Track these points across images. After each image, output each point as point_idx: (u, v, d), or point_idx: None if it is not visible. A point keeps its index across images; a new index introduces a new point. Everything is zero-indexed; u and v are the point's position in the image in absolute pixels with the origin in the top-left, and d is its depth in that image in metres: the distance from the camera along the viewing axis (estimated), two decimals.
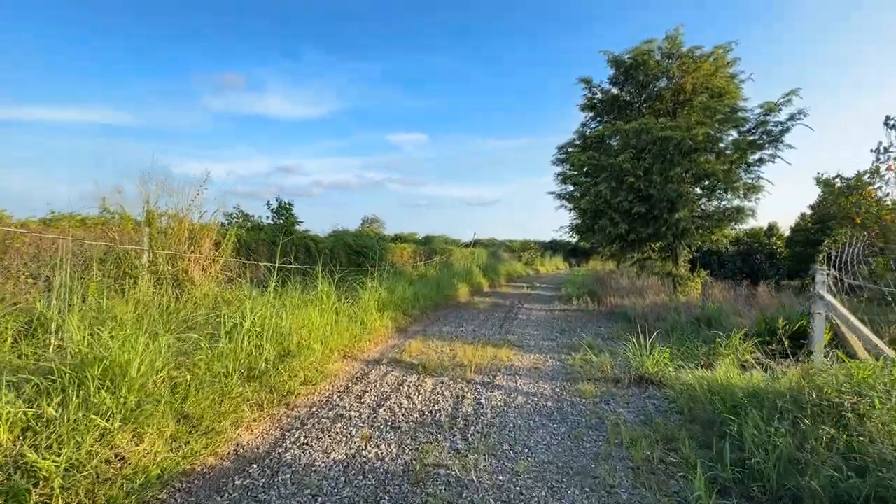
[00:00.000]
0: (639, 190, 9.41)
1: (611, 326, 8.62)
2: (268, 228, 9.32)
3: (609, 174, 9.23)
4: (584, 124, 11.28)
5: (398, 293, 8.49)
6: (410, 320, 8.22)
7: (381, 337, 6.62)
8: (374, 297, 7.07)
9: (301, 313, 5.04)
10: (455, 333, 7.46)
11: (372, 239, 13.49)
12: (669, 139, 8.50)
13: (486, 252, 26.97)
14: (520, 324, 8.79)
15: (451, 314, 9.70)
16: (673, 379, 4.52)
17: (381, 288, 7.74)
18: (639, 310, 9.03)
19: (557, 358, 5.98)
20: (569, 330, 8.23)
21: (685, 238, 10.04)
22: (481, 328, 8.09)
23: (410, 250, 17.54)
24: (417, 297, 9.41)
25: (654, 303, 9.97)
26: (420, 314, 8.98)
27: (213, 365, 3.33)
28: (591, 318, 9.88)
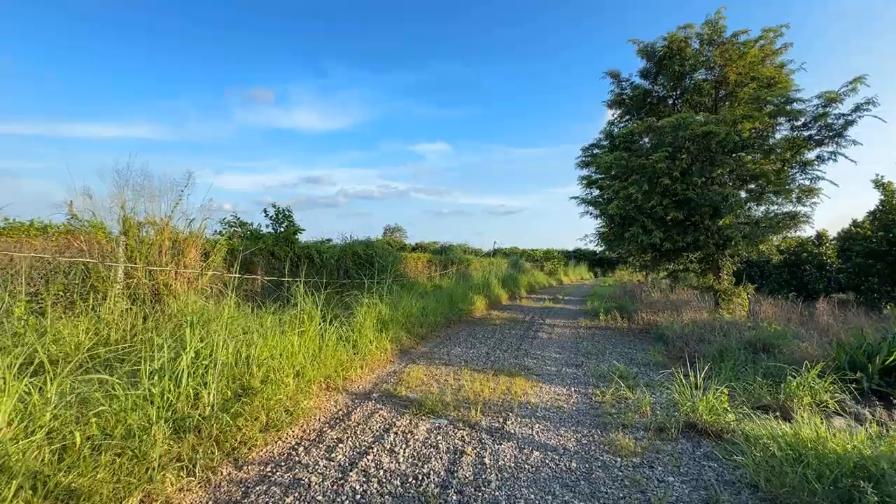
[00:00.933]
0: (675, 193, 8.34)
1: (645, 349, 7.54)
2: (266, 238, 8.70)
3: (641, 176, 8.20)
4: (612, 123, 10.29)
5: (403, 309, 7.65)
6: (416, 340, 7.36)
7: (378, 361, 5.78)
8: (372, 315, 6.25)
9: (276, 338, 4.25)
10: (465, 357, 6.56)
11: (383, 248, 12.76)
12: (711, 135, 7.43)
13: (507, 262, 25.95)
14: (539, 344, 7.80)
15: (463, 332, 8.79)
16: (737, 431, 3.49)
17: (383, 303, 6.92)
18: (676, 329, 7.91)
19: (583, 392, 4.99)
20: (596, 353, 7.20)
21: (729, 248, 8.87)
22: (495, 350, 7.16)
23: (425, 260, 16.76)
24: (426, 313, 8.56)
25: (693, 321, 8.80)
26: (428, 332, 8.11)
27: (129, 415, 2.55)
28: (620, 337, 8.79)
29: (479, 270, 19.75)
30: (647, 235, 8.48)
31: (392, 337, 6.39)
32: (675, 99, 9.53)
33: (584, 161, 11.32)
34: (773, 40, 8.44)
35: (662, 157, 7.72)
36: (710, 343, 7.21)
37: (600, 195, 9.76)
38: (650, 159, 7.88)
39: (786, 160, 8.33)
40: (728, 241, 8.64)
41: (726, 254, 9.22)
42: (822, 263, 15.63)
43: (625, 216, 8.96)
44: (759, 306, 10.05)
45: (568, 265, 40.59)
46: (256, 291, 8.35)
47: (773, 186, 8.25)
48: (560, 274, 34.25)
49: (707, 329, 7.98)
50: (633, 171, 8.44)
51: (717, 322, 8.17)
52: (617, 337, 8.83)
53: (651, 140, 8.32)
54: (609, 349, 7.56)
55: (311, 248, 9.73)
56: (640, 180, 8.15)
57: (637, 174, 8.26)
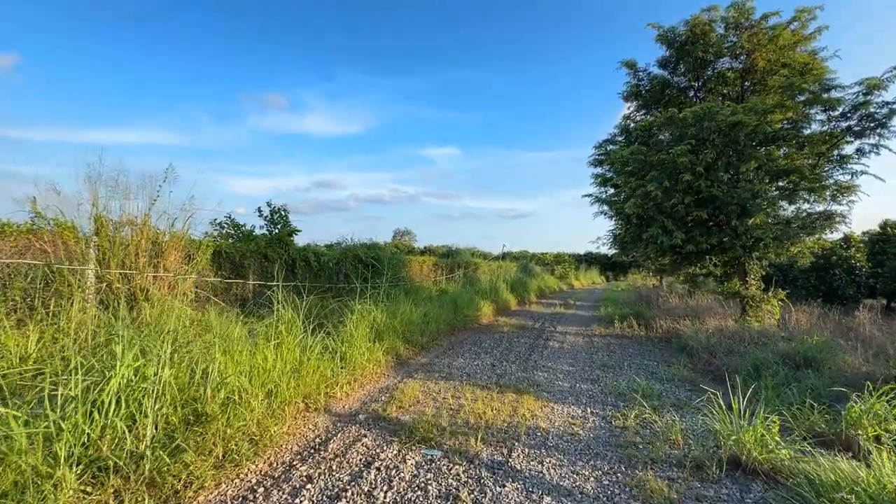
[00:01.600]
0: (698, 191, 7.65)
1: (667, 361, 6.85)
2: (259, 239, 8.21)
3: (660, 172, 7.54)
4: (627, 117, 9.62)
5: (402, 316, 7.07)
6: (416, 350, 6.77)
7: (370, 375, 5.21)
8: (364, 324, 5.68)
9: (245, 352, 3.70)
10: (468, 370, 5.95)
11: (385, 251, 12.22)
12: (740, 126, 6.74)
13: (516, 266, 25.26)
14: (551, 354, 7.16)
15: (468, 340, 8.19)
16: (795, 472, 2.84)
17: (378, 310, 6.34)
18: (702, 339, 7.21)
19: (601, 414, 4.35)
20: (613, 365, 6.54)
21: (757, 251, 8.14)
22: (502, 361, 6.54)
23: (431, 264, 16.19)
24: (428, 321, 7.97)
25: (718, 329, 8.08)
26: (430, 341, 7.52)
27: (22, 458, 2.00)
28: (638, 347, 8.10)
29: (487, 274, 19.12)
30: (668, 236, 7.80)
31: (387, 348, 5.81)
32: (697, 90, 8.84)
33: (598, 159, 10.67)
34: (806, 23, 7.72)
35: (684, 151, 7.04)
36: (741, 355, 6.51)
37: (615, 194, 9.09)
38: (671, 153, 7.21)
39: (821, 154, 7.59)
40: (757, 243, 7.92)
41: (754, 256, 8.49)
42: (852, 267, 14.72)
43: (642, 216, 8.28)
44: (788, 314, 9.28)
45: (579, 269, 39.73)
46: (247, 297, 7.85)
47: (807, 183, 7.51)
48: (571, 278, 33.42)
49: (735, 339, 7.27)
50: (652, 166, 7.77)
51: (746, 331, 7.45)
52: (634, 347, 8.15)
53: (671, 133, 7.65)
54: (627, 361, 6.89)
55: (308, 251, 9.23)
56: (659, 176, 7.48)
57: (656, 170, 7.60)
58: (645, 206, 7.72)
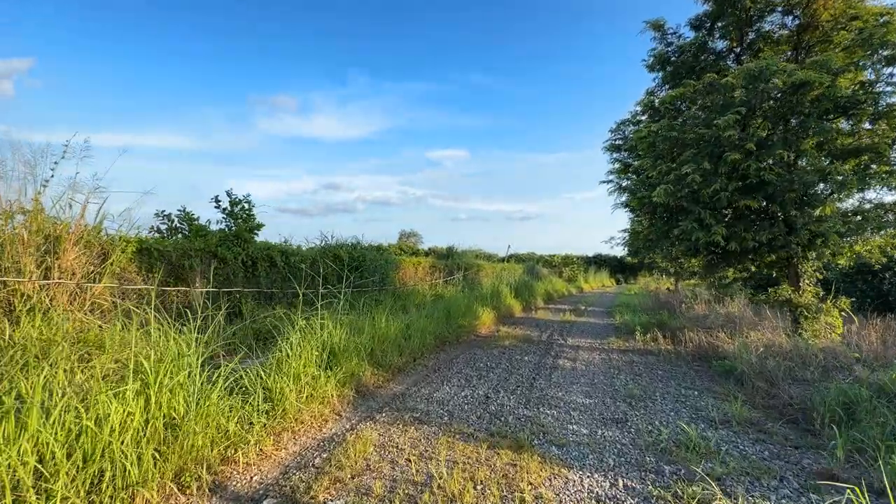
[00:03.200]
0: (744, 175, 6.15)
1: (711, 390, 5.35)
2: (210, 235, 6.85)
3: (698, 151, 6.06)
4: (651, 93, 8.11)
5: (376, 330, 5.65)
6: (388, 375, 5.33)
7: (312, 419, 3.79)
8: (311, 345, 4.24)
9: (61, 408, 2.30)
10: (452, 405, 4.51)
11: (371, 251, 10.82)
12: (806, 88, 5.25)
13: (523, 268, 23.77)
14: (561, 379, 5.69)
15: (460, 358, 6.74)
16: None
17: (334, 325, 4.90)
18: (753, 362, 5.69)
19: (640, 491, 2.88)
20: (642, 396, 5.06)
21: (815, 249, 6.61)
22: (498, 390, 5.09)
23: (427, 265, 14.76)
24: (410, 334, 6.54)
25: (767, 346, 6.56)
26: (410, 362, 6.09)
27: None
28: (669, 367, 6.59)
29: (490, 277, 17.66)
30: (705, 232, 6.30)
31: (343, 376, 4.37)
32: (739, 55, 7.33)
33: (614, 144, 9.20)
34: None
35: (731, 123, 5.55)
36: (811, 385, 5.00)
37: (637, 182, 7.58)
38: (713, 126, 5.71)
39: None
40: (814, 240, 6.40)
41: (810, 257, 6.94)
42: None
43: (673, 207, 6.79)
44: (849, 327, 7.71)
45: (588, 271, 38.13)
46: (193, 306, 6.48)
47: (884, 166, 5.97)
48: (580, 281, 31.80)
49: (796, 361, 5.74)
50: (687, 145, 6.29)
51: (806, 350, 5.92)
52: (664, 367, 6.64)
53: (712, 103, 6.15)
54: (659, 389, 5.40)
55: (273, 250, 7.84)
56: (697, 157, 6.00)
57: (693, 149, 6.11)
58: (678, 195, 6.23)
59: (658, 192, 6.11)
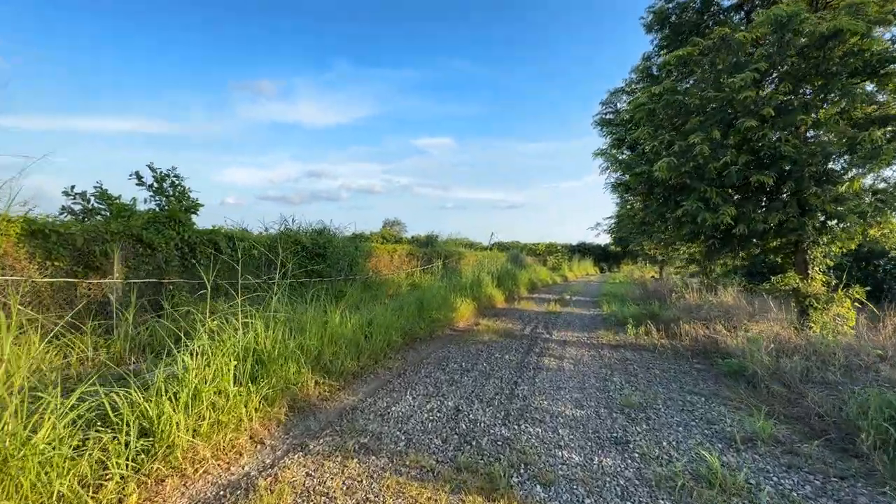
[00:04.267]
0: (755, 149, 5.35)
1: (721, 395, 4.59)
2: (136, 217, 5.78)
3: (706, 118, 5.22)
4: (648, 58, 7.21)
5: (317, 330, 4.69)
6: (340, 383, 4.40)
7: (227, 450, 2.85)
8: (223, 353, 3.26)
9: None
10: (413, 423, 3.63)
11: (340, 238, 9.80)
12: (838, 39, 4.42)
13: (506, 256, 22.99)
14: (547, 382, 4.86)
15: (431, 358, 5.86)
16: None
17: (267, 324, 3.92)
18: (765, 361, 4.94)
19: None
20: (642, 405, 4.26)
21: (829, 233, 5.90)
22: (472, 400, 4.23)
23: (405, 253, 13.80)
24: (372, 332, 5.62)
25: (777, 341, 5.85)
26: (370, 364, 5.17)
27: None
28: (668, 366, 5.84)
29: (472, 266, 16.79)
30: (712, 213, 5.50)
31: (272, 391, 3.43)
32: (749, 12, 6.48)
33: (606, 118, 8.33)
34: None
35: (748, 82, 4.71)
36: (833, 388, 4.27)
37: (634, 157, 6.71)
38: (727, 87, 4.86)
39: None
40: (831, 222, 5.68)
41: (822, 241, 6.23)
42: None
43: (673, 185, 5.97)
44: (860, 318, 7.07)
45: (572, 260, 37.66)
46: (109, 302, 5.41)
47: None
48: (564, 269, 31.27)
49: (812, 360, 5.02)
50: (692, 112, 5.44)
51: (825, 347, 5.21)
52: (661, 365, 5.88)
53: (723, 63, 5.27)
54: (661, 394, 4.61)
55: (217, 235, 6.78)
56: (705, 125, 5.16)
57: (700, 116, 5.28)
58: (682, 169, 5.39)
59: (660, 166, 5.26)
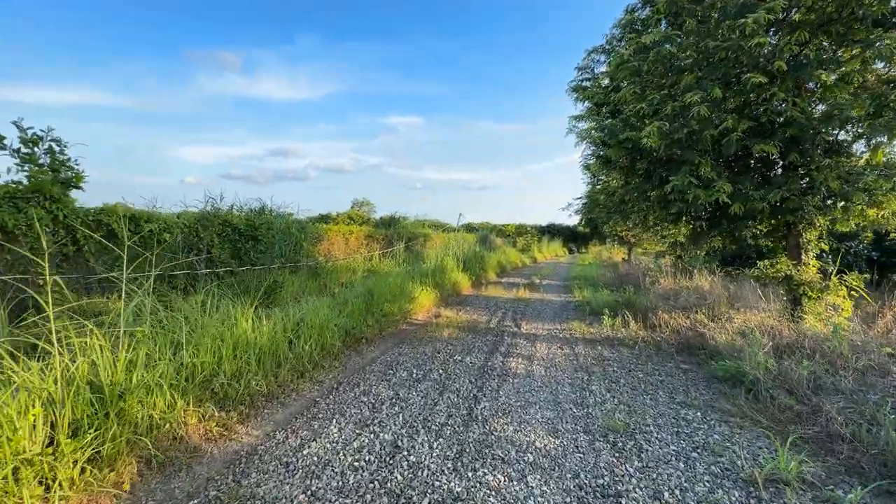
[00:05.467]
0: (754, 116, 4.52)
1: (716, 407, 3.81)
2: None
3: (706, 74, 4.32)
4: (632, 10, 6.15)
5: (211, 344, 3.57)
6: (242, 413, 3.33)
7: None
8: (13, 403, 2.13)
9: None
10: (324, 476, 2.62)
11: (283, 219, 8.53)
12: None
13: (475, 237, 22.11)
14: (513, 398, 3.96)
15: (375, 365, 4.85)
16: None
17: (121, 344, 2.78)
18: (771, 368, 4.21)
19: None
20: (630, 429, 3.42)
21: (830, 213, 5.23)
22: (418, 429, 3.26)
23: (363, 236, 12.62)
24: (300, 335, 4.53)
25: (768, 333, 5.18)
26: (293, 379, 4.10)
27: None
28: (650, 367, 5.07)
29: (438, 249, 15.78)
30: (705, 190, 4.66)
31: (111, 447, 2.32)
32: None
33: (581, 84, 7.35)
34: None
35: (762, 24, 3.80)
36: (849, 397, 3.57)
37: (617, 124, 5.75)
38: (734, 33, 3.94)
39: None
40: (831, 201, 4.99)
41: (818, 223, 5.57)
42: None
43: (660, 158, 5.09)
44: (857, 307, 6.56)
45: (542, 241, 37.32)
46: None
47: None
48: (534, 251, 30.79)
49: (818, 361, 4.33)
50: (685, 70, 4.53)
51: (832, 346, 4.55)
52: (643, 366, 5.11)
53: (726, 6, 4.34)
54: (649, 409, 3.80)
55: (111, 214, 5.43)
56: (703, 82, 4.26)
57: (696, 72, 4.37)
58: (674, 136, 4.50)
59: (650, 132, 4.35)
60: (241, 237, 7.64)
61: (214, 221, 7.23)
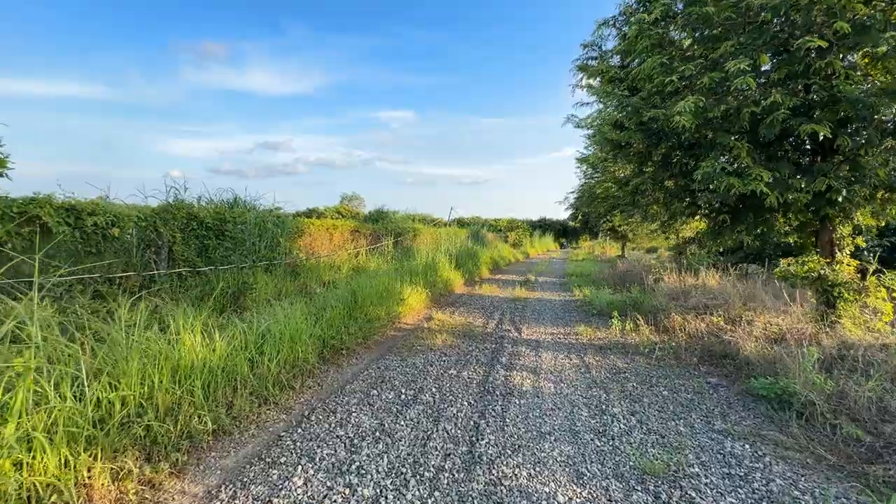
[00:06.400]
0: (804, 88, 3.86)
1: (765, 436, 3.14)
2: None
3: (750, 40, 3.63)
4: None
5: (138, 369, 2.80)
6: (179, 463, 2.58)
7: None
8: None
9: None
10: None
11: (256, 213, 7.71)
12: None
13: (467, 233, 21.41)
14: (521, 426, 3.27)
15: (358, 381, 4.12)
16: None
17: None
18: (827, 389, 3.58)
19: None
20: (670, 468, 2.75)
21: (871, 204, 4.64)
22: (407, 473, 2.55)
23: (347, 231, 11.82)
24: (264, 350, 3.78)
25: (805, 339, 4.58)
26: (253, 408, 3.36)
27: None
28: (673, 380, 4.42)
29: (429, 245, 15.03)
30: (741, 178, 4.00)
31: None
32: None
33: (585, 65, 6.65)
34: None
35: None
36: None
37: (639, 102, 4.97)
38: None
39: None
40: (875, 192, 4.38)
41: (855, 217, 4.97)
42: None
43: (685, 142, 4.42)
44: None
45: (533, 236, 36.79)
46: None
47: None
48: (526, 246, 30.23)
49: (878, 378, 3.72)
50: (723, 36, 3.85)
51: (877, 354, 3.95)
52: (665, 379, 4.46)
53: None
54: (687, 438, 3.14)
55: (40, 206, 4.59)
56: (748, 48, 3.58)
57: (739, 36, 3.69)
58: (708, 114, 3.82)
59: (684, 108, 3.66)
60: (208, 232, 6.82)
61: (177, 215, 6.40)
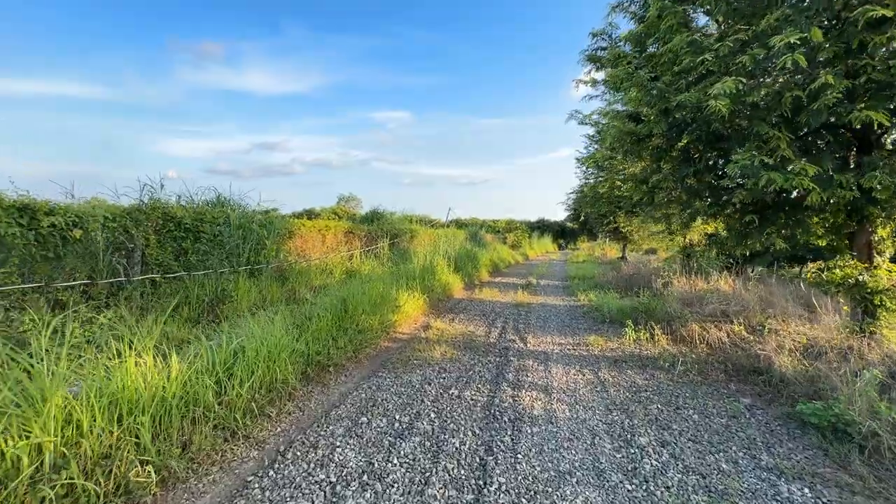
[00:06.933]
0: (856, 70, 3.39)
1: (824, 475, 2.63)
2: None
3: (798, 10, 3.16)
4: None
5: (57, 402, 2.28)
6: None
7: None
8: None
9: None
10: None
11: (238, 211, 7.17)
12: None
13: (465, 234, 20.89)
14: (535, 465, 2.76)
15: (344, 406, 3.60)
16: None
17: None
18: (889, 420, 3.10)
19: None
20: None
21: None
22: None
23: (341, 232, 11.29)
24: (233, 372, 3.25)
25: (845, 352, 4.10)
26: (217, 445, 2.83)
27: None
28: (701, 399, 3.92)
29: (427, 246, 14.50)
30: (781, 174, 3.50)
31: None
32: None
33: (594, 54, 6.17)
34: None
35: None
36: None
37: (665, 87, 4.44)
38: None
39: None
40: None
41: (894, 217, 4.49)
42: None
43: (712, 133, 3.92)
44: None
45: (532, 237, 36.33)
46: None
47: None
48: (525, 247, 29.72)
49: None
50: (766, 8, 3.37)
51: None
52: (692, 399, 3.96)
53: None
54: (734, 481, 2.64)
55: None
56: (796, 20, 3.11)
57: (784, 6, 3.22)
58: (746, 98, 3.33)
59: (721, 90, 3.16)
60: (187, 234, 6.28)
61: (151, 215, 5.87)
